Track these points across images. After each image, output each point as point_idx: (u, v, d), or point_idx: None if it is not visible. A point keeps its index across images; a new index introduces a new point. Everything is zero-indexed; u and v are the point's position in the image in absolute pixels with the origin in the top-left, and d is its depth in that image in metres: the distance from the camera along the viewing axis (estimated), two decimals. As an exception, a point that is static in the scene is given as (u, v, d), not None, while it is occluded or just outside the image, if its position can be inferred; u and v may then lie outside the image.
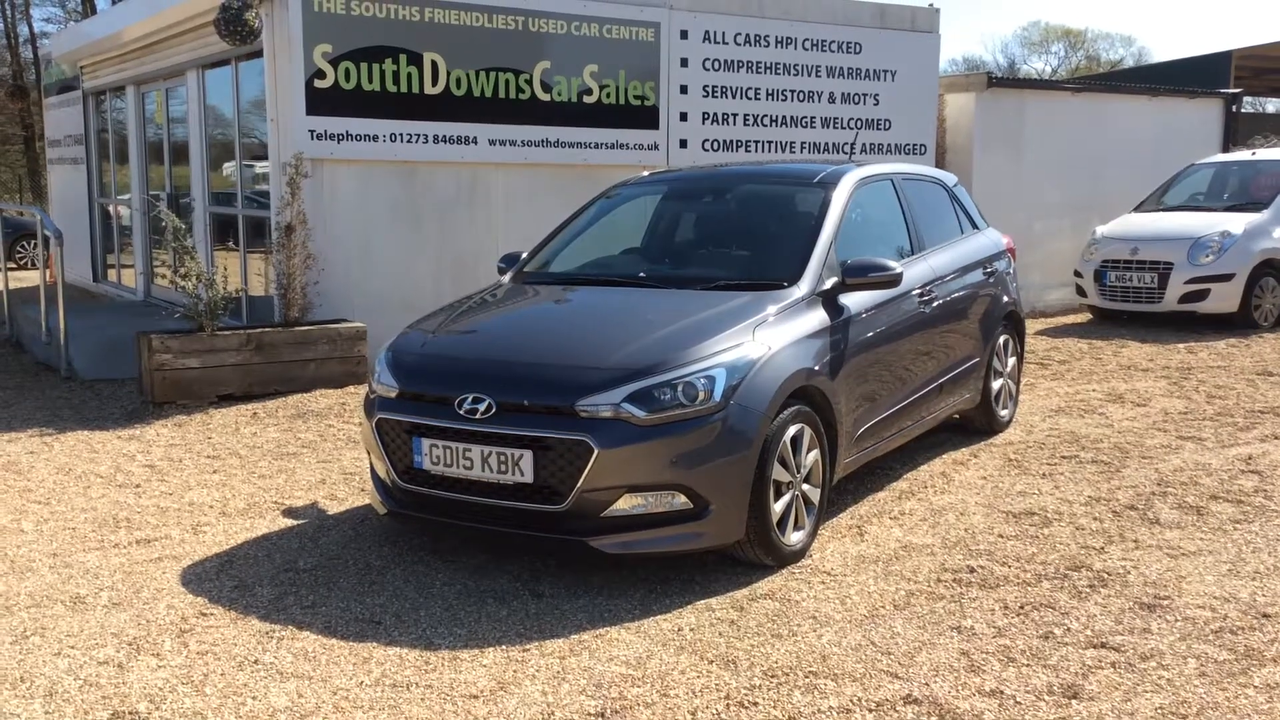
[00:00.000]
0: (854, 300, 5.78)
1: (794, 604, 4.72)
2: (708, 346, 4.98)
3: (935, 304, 6.56)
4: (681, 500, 4.79)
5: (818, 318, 5.51)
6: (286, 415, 8.43)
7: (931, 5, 12.95)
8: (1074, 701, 3.79)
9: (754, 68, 11.69)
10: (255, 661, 4.20)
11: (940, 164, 13.01)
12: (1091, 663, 4.09)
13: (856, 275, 5.68)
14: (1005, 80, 14.80)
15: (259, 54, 10.11)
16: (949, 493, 6.29)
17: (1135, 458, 6.91)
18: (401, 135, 9.94)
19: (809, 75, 12.04)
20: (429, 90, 10.00)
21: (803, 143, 12.07)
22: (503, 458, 4.82)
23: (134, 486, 6.62)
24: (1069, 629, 4.40)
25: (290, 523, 5.91)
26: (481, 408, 4.89)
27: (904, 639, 4.34)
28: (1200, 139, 15.30)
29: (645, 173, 7.23)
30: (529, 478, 4.79)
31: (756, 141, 11.78)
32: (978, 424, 7.48)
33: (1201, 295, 11.70)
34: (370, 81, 9.75)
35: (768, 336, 5.15)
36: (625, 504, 4.76)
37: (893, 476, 6.60)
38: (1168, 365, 10.05)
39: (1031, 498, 6.16)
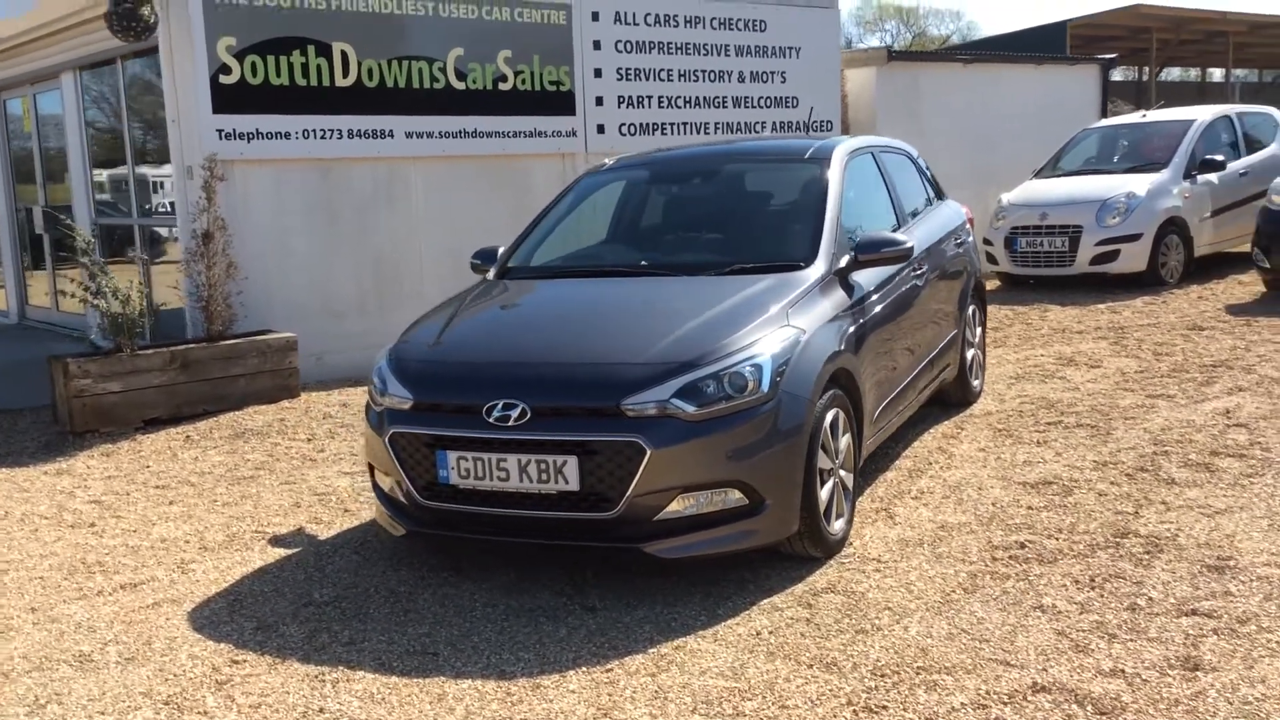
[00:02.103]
0: (863, 278, 5.62)
1: (860, 596, 4.53)
2: (747, 334, 4.74)
3: (925, 277, 6.46)
4: (736, 497, 4.54)
5: (838, 298, 5.33)
6: (224, 436, 7.87)
7: (829, -20, 12.93)
8: (1200, 674, 3.70)
9: (665, 48, 11.47)
10: (320, 710, 3.80)
11: (846, 139, 13.01)
12: (1193, 631, 4.01)
13: (870, 252, 5.51)
14: (903, 54, 14.94)
15: (149, 50, 9.43)
16: (956, 467, 6.20)
17: (1118, 420, 6.95)
18: (315, 131, 9.39)
19: (718, 55, 11.88)
20: (340, 82, 9.48)
21: (716, 123, 11.90)
22: (543, 466, 4.50)
23: (88, 525, 6.05)
24: (1151, 599, 4.32)
25: (283, 552, 5.45)
26: (514, 414, 4.55)
27: (992, 624, 4.20)
28: (1082, 105, 15.72)
29: (607, 160, 6.92)
30: (574, 485, 4.47)
31: (672, 124, 11.56)
32: (954, 396, 7.43)
33: (1112, 256, 11.98)
34: (279, 75, 9.18)
35: (801, 320, 4.95)
36: (679, 505, 4.49)
37: (892, 455, 6.48)
38: (1099, 326, 10.23)
39: (1039, 466, 6.11)
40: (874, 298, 5.65)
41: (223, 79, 8.90)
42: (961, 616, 4.28)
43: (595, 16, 10.92)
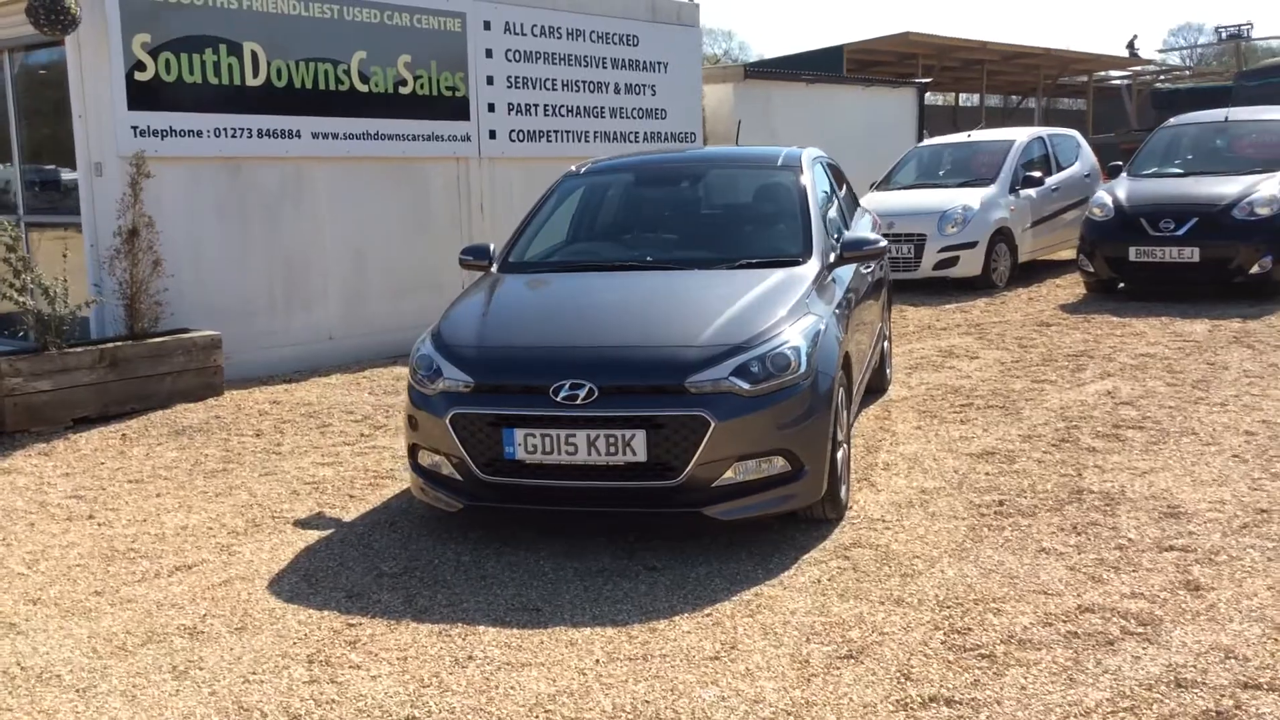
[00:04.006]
0: (841, 273, 6.29)
1: (886, 549, 5.16)
2: (782, 320, 5.32)
3: (870, 274, 7.20)
4: (780, 464, 5.10)
5: (831, 289, 5.97)
6: (163, 434, 7.83)
7: (692, 0, 13.67)
8: (1202, 592, 4.50)
9: (550, 59, 11.92)
10: (469, 657, 4.13)
11: (706, 150, 13.75)
12: (1179, 562, 4.83)
13: (853, 249, 6.19)
14: (756, 72, 15.86)
15: (45, 44, 9.21)
16: (904, 443, 6.95)
17: (1020, 401, 7.88)
18: (225, 130, 9.39)
19: (596, 67, 12.41)
20: (250, 82, 9.51)
21: (595, 132, 12.42)
22: (612, 439, 4.93)
23: (86, 518, 6.04)
24: (1131, 539, 5.13)
25: (318, 534, 5.65)
26: (582, 393, 4.97)
27: (1012, 565, 4.90)
28: (902, 124, 17.07)
29: (574, 167, 7.33)
30: (642, 456, 4.93)
31: (556, 132, 12.02)
32: (873, 383, 8.18)
33: (952, 262, 13.18)
34: (191, 73, 9.15)
35: (817, 308, 5.56)
36: (732, 473, 5.02)
37: (842, 435, 7.17)
38: (957, 323, 11.31)
39: (975, 441, 6.92)
40: (850, 290, 6.33)
41: (138, 76, 8.81)
42: (983, 560, 4.97)
43: (487, 25, 11.28)
